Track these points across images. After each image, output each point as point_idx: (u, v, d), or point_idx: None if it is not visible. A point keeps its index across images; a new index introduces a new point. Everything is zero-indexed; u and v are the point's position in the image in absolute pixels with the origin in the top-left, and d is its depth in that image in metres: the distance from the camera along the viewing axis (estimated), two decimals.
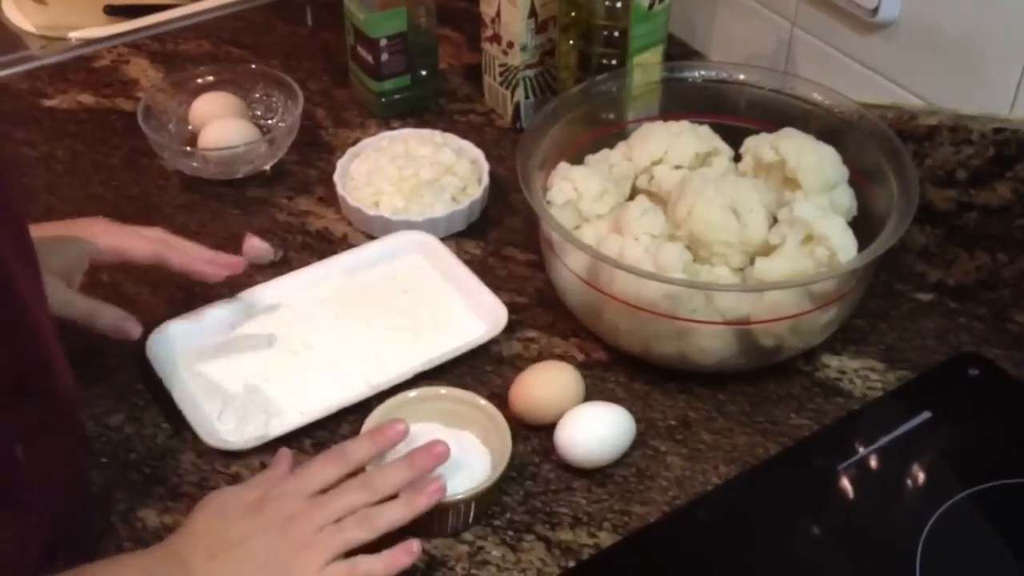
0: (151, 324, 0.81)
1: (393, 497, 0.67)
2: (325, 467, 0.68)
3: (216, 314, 0.82)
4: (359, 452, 0.69)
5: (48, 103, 1.05)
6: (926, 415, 0.77)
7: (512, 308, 0.83)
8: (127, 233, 0.79)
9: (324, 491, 0.67)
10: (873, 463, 0.75)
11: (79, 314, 0.75)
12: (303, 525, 0.64)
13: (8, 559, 0.57)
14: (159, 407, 0.78)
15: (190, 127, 0.99)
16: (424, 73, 1.04)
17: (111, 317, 0.76)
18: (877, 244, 0.73)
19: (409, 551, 0.66)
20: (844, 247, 0.75)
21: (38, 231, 0.64)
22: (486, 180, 0.94)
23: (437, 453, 0.68)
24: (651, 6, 0.89)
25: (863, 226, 0.80)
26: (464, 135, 1.00)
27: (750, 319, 0.74)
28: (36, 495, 0.59)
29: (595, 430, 0.72)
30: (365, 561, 0.65)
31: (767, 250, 0.78)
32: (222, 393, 0.77)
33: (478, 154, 0.96)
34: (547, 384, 0.75)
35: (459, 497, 0.68)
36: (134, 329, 0.76)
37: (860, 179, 0.83)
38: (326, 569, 0.64)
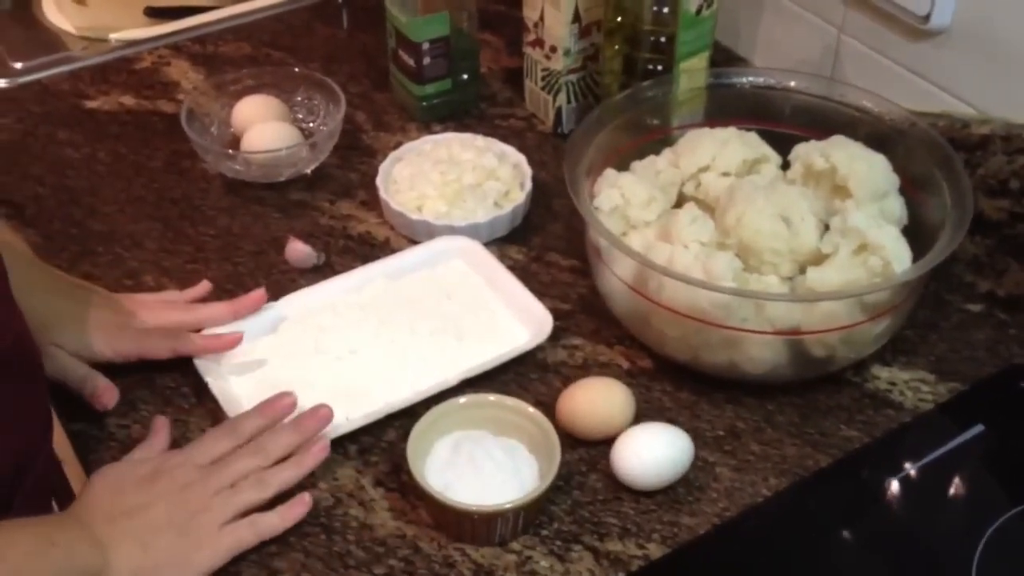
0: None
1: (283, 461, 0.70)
2: (218, 440, 0.71)
3: (260, 317, 0.81)
4: (249, 424, 0.72)
5: (90, 104, 1.05)
6: (978, 428, 0.76)
7: (556, 314, 0.83)
8: (147, 337, 0.78)
9: (217, 462, 0.70)
10: (924, 477, 0.74)
11: (73, 380, 0.76)
12: (199, 491, 0.68)
13: None
14: (204, 411, 0.78)
15: (232, 130, 0.99)
16: (465, 77, 1.04)
17: (91, 386, 0.77)
18: (933, 255, 0.72)
19: (303, 502, 0.70)
20: (899, 257, 0.74)
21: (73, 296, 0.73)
22: (529, 185, 0.93)
23: (322, 416, 0.72)
24: (699, 11, 0.88)
25: (913, 236, 0.79)
26: (505, 140, 1.00)
27: (801, 329, 0.73)
28: None
29: (655, 453, 0.71)
30: (263, 517, 0.69)
31: (818, 259, 0.77)
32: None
33: (520, 159, 0.96)
34: (598, 402, 0.74)
35: (507, 506, 0.67)
36: (109, 401, 0.77)
37: (910, 188, 0.82)
38: (225, 528, 0.67)
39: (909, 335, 0.83)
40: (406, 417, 0.75)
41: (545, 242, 0.92)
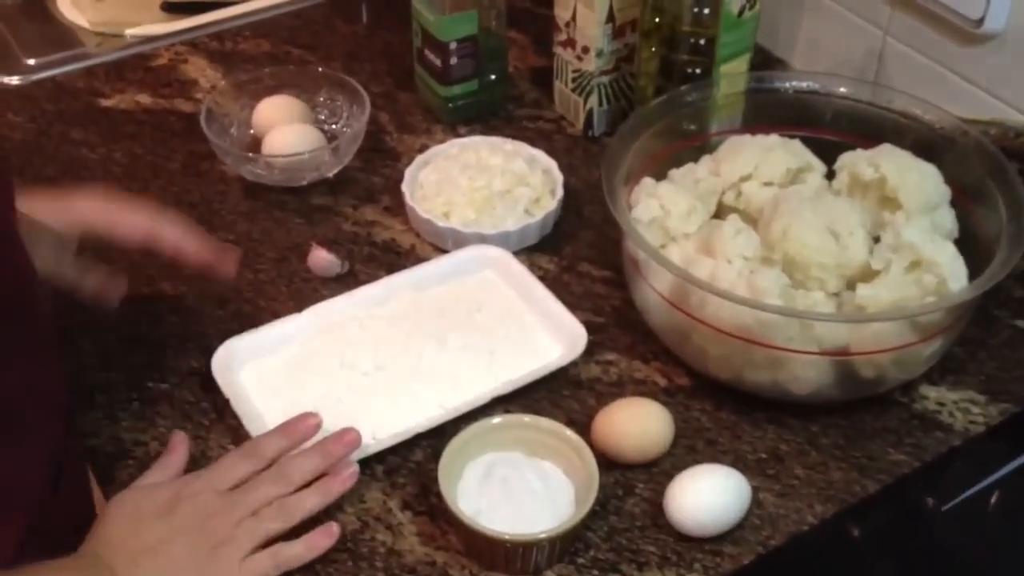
0: (216, 339, 0.78)
1: (308, 486, 0.67)
2: (238, 463, 0.68)
3: (283, 331, 0.78)
4: (271, 447, 0.69)
5: (105, 103, 1.02)
6: None
7: (589, 328, 0.80)
8: (118, 213, 0.75)
9: (237, 487, 0.67)
10: (977, 504, 0.71)
11: (70, 277, 0.73)
12: (220, 522, 0.65)
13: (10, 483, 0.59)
14: (224, 427, 0.75)
15: (252, 131, 0.95)
16: (493, 77, 1.00)
17: (93, 282, 0.73)
18: (990, 273, 0.69)
19: (329, 533, 0.67)
20: (955, 275, 0.70)
21: (32, 202, 0.65)
22: (560, 192, 0.90)
23: (349, 440, 0.69)
24: (741, 13, 0.85)
25: (965, 249, 0.76)
26: (533, 142, 0.96)
27: (849, 349, 0.70)
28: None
29: (715, 502, 0.67)
30: (286, 547, 0.66)
31: (867, 275, 0.73)
32: (291, 415, 0.73)
33: (551, 164, 0.92)
34: (635, 425, 0.71)
35: (542, 535, 0.64)
36: (116, 292, 0.73)
37: (961, 198, 0.79)
38: (247, 560, 0.64)
39: (957, 352, 0.79)
40: (436, 437, 0.72)
41: (577, 251, 0.89)
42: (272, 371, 0.77)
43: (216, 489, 0.66)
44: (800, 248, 0.73)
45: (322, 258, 0.85)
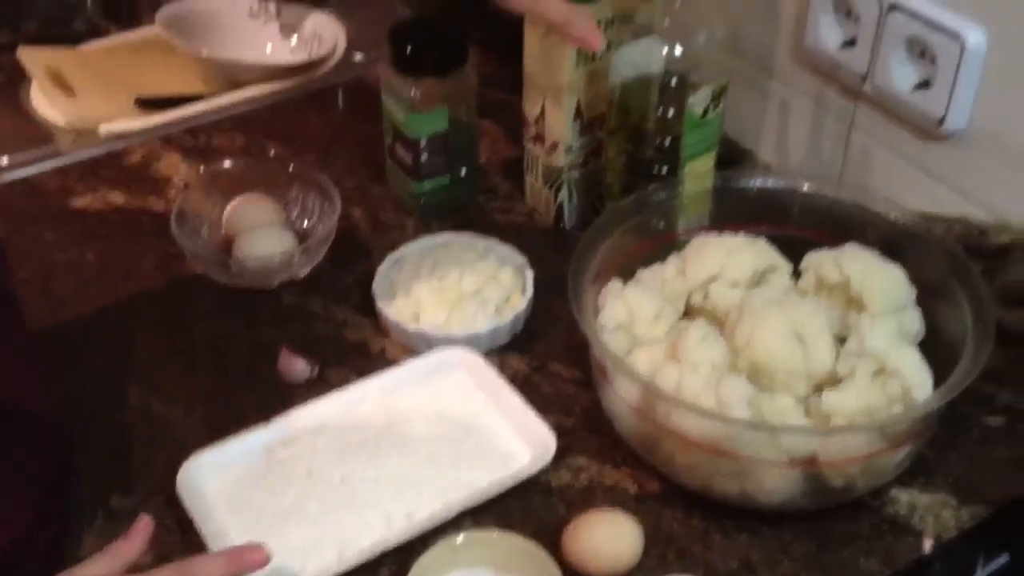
0: (183, 449, 0.77)
1: None
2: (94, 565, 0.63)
3: (249, 443, 0.78)
4: (207, 571, 0.64)
5: (77, 203, 1.02)
6: (1004, 558, 0.72)
7: (559, 431, 0.79)
8: None
9: None
10: None
11: None
12: None
13: None
14: (188, 546, 0.74)
15: (224, 231, 0.96)
16: (464, 172, 1.01)
17: None
18: (955, 381, 0.69)
19: None
20: (919, 383, 0.70)
21: None
22: (530, 290, 0.90)
23: (255, 560, 0.64)
24: (705, 113, 0.86)
25: (932, 349, 0.76)
26: (505, 236, 0.97)
27: (818, 458, 0.70)
28: None
29: None
30: None
31: (834, 379, 0.73)
32: (256, 532, 0.72)
33: (522, 261, 0.92)
34: (605, 540, 0.70)
35: None
36: None
37: (927, 296, 0.79)
38: None
39: (928, 453, 0.79)
40: (401, 554, 0.72)
41: (547, 350, 0.89)
42: (238, 484, 0.76)
43: None
44: (766, 354, 0.73)
45: (291, 363, 0.85)
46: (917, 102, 0.81)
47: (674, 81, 0.84)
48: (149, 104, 1.13)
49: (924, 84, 0.80)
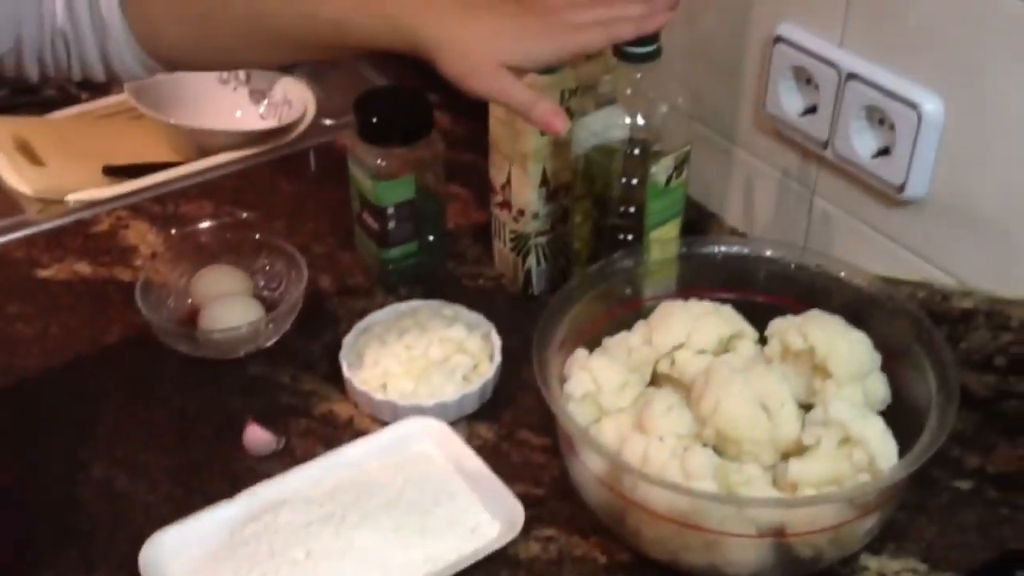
0: (147, 526, 0.76)
1: None
2: None
3: (213, 519, 0.77)
4: None
5: (43, 273, 1.02)
6: None
7: (528, 501, 0.79)
8: (570, 29, 0.76)
9: None
10: None
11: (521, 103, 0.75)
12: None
13: None
14: None
15: (190, 301, 0.95)
16: (432, 238, 1.01)
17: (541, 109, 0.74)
18: (920, 448, 0.69)
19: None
20: (884, 452, 0.70)
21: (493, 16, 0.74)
22: (498, 358, 0.89)
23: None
24: (668, 182, 0.86)
25: (898, 413, 0.76)
26: (473, 302, 0.97)
27: (785, 530, 0.70)
28: None
29: None
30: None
31: (800, 448, 0.73)
32: None
33: (490, 328, 0.92)
34: None
35: None
36: (561, 125, 0.75)
37: (891, 361, 0.79)
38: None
39: (897, 517, 0.79)
40: None
41: (516, 417, 0.88)
42: (202, 563, 0.75)
43: None
44: (731, 423, 0.73)
45: (257, 436, 0.84)
46: (878, 169, 0.82)
47: (637, 150, 0.85)
48: (117, 172, 1.14)
49: (884, 151, 0.81)
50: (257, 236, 0.99)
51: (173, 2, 0.78)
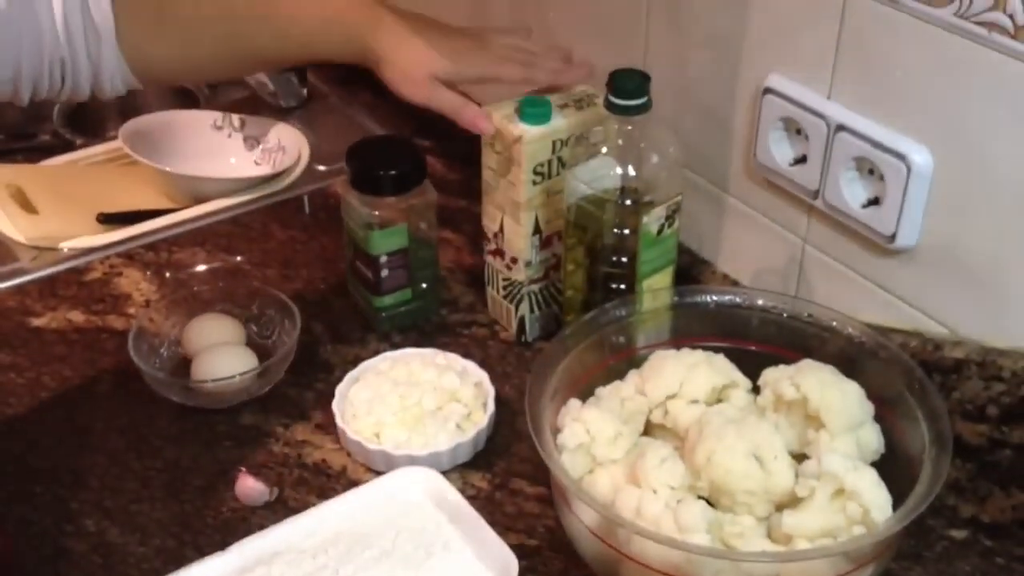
0: None
1: None
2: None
3: (207, 570, 0.76)
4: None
5: (36, 322, 1.02)
6: None
7: (521, 552, 0.78)
8: (498, 62, 0.92)
9: None
10: None
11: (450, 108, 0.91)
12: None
13: None
14: None
15: (183, 350, 0.95)
16: (425, 286, 1.01)
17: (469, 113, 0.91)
18: (915, 500, 0.69)
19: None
20: (878, 504, 0.70)
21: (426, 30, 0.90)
22: (492, 407, 0.89)
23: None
24: (660, 231, 0.87)
25: (891, 463, 0.76)
26: (467, 350, 0.97)
27: None
28: None
29: None
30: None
31: (793, 499, 0.73)
32: None
33: (483, 376, 0.92)
34: None
35: None
36: (488, 127, 0.91)
37: (884, 410, 0.79)
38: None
39: (893, 568, 0.79)
40: None
41: (510, 466, 0.88)
42: None
43: None
44: (725, 475, 0.73)
45: (250, 487, 0.84)
46: (868, 219, 0.82)
47: (628, 200, 0.85)
48: (111, 219, 1.14)
49: (875, 201, 0.82)
50: (253, 284, 0.99)
51: (161, 25, 0.85)
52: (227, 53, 0.89)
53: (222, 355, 0.91)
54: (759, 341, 0.86)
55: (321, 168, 1.24)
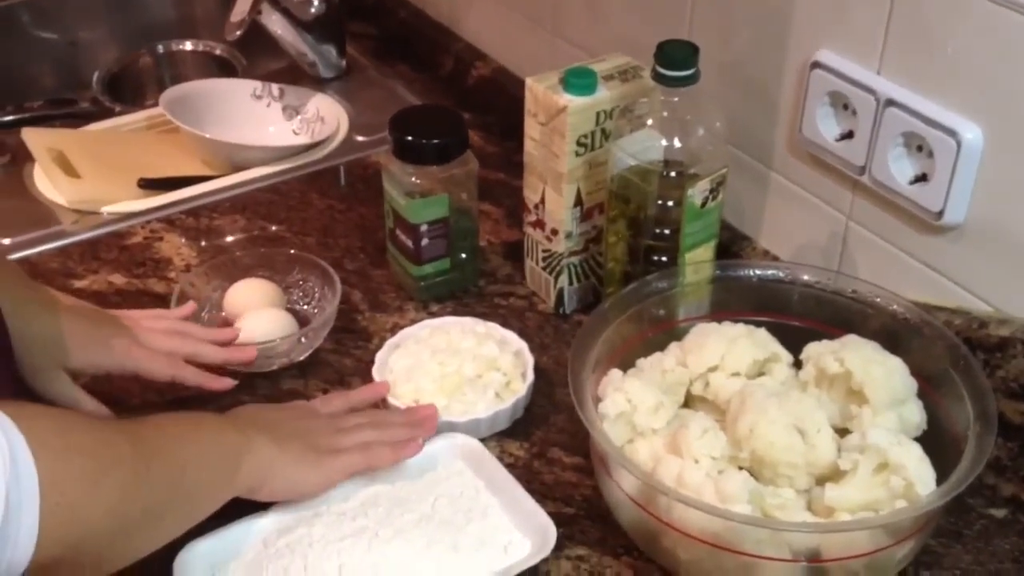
0: (180, 537, 0.76)
1: None
2: (331, 400, 0.86)
3: (247, 531, 0.77)
4: (360, 396, 0.86)
5: (78, 284, 1.03)
6: None
7: (559, 520, 0.79)
8: (147, 356, 0.85)
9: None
10: None
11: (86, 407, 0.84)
12: (325, 424, 0.81)
13: None
14: None
15: (224, 314, 0.96)
16: (464, 256, 1.02)
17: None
18: (958, 477, 0.69)
19: (416, 444, 0.81)
20: (922, 479, 0.70)
21: (69, 324, 0.83)
22: (531, 376, 0.90)
23: (429, 414, 0.84)
24: (704, 204, 0.86)
25: (935, 441, 0.76)
26: (505, 320, 0.97)
27: (821, 555, 0.69)
28: None
29: None
30: (375, 446, 0.80)
31: (835, 473, 0.73)
32: None
33: (522, 346, 0.92)
34: None
35: None
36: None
37: (927, 388, 0.79)
38: (344, 452, 0.79)
39: (932, 544, 0.78)
40: None
41: (547, 436, 0.88)
42: (236, 573, 0.75)
43: (320, 411, 0.83)
44: (767, 447, 0.73)
45: None
46: (915, 195, 0.82)
47: (673, 172, 0.85)
48: (151, 185, 1.14)
49: (922, 178, 0.81)
50: (292, 251, 1.00)
51: None
52: None
53: (264, 319, 0.92)
54: (800, 316, 0.85)
55: (359, 139, 1.24)
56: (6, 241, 1.06)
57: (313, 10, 1.30)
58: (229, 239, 1.09)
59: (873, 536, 0.69)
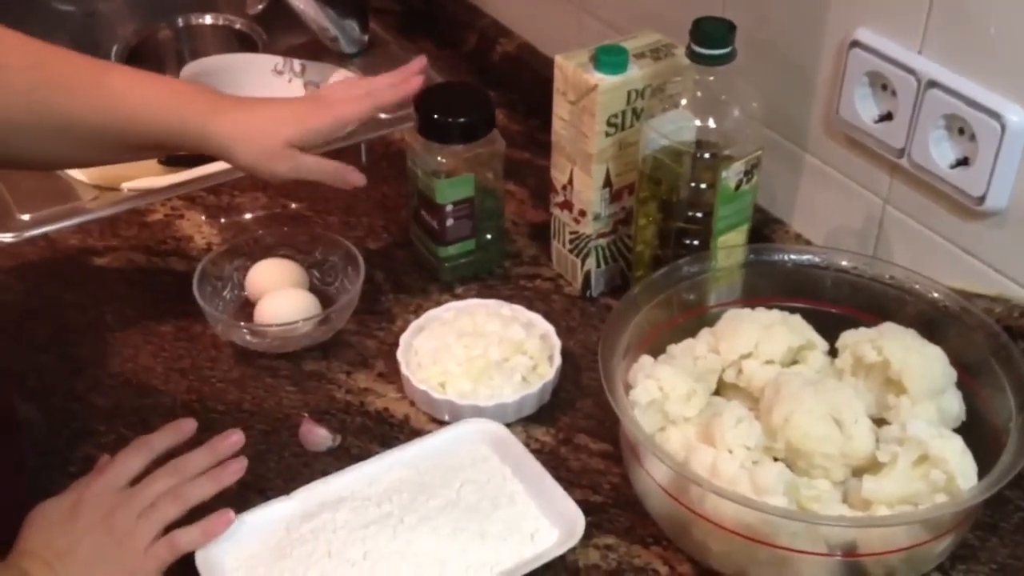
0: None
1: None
2: (130, 458, 0.74)
3: (269, 516, 0.76)
4: (160, 442, 0.76)
5: (98, 261, 1.01)
6: None
7: (587, 508, 0.77)
8: (350, 104, 0.87)
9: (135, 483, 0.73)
10: None
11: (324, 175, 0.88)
12: (122, 516, 0.71)
13: None
14: None
15: (246, 294, 0.94)
16: (489, 237, 1.00)
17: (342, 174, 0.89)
18: (1001, 470, 0.67)
19: (226, 518, 0.73)
20: (964, 472, 0.68)
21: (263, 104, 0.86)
22: (558, 360, 0.88)
23: (233, 442, 0.76)
24: (738, 187, 0.84)
25: (973, 431, 0.74)
26: (531, 303, 0.95)
27: (858, 549, 0.68)
28: None
29: None
30: (183, 532, 0.72)
31: (873, 465, 0.71)
32: None
33: (548, 329, 0.91)
34: None
35: None
36: (360, 180, 0.90)
37: (966, 377, 0.77)
38: (150, 550, 0.70)
39: (968, 538, 0.77)
40: None
41: (574, 422, 0.87)
42: (258, 560, 0.74)
43: (114, 486, 0.72)
44: (803, 437, 0.71)
45: (313, 433, 0.83)
46: (957, 179, 0.80)
47: (706, 154, 0.83)
48: (172, 162, 1.13)
49: (963, 161, 0.79)
50: (316, 230, 0.98)
51: None
52: (65, 140, 0.81)
53: (286, 300, 0.90)
54: (835, 303, 0.83)
55: (382, 116, 1.21)
56: (25, 217, 1.05)
57: None
58: (249, 216, 1.07)
59: (911, 531, 0.67)
